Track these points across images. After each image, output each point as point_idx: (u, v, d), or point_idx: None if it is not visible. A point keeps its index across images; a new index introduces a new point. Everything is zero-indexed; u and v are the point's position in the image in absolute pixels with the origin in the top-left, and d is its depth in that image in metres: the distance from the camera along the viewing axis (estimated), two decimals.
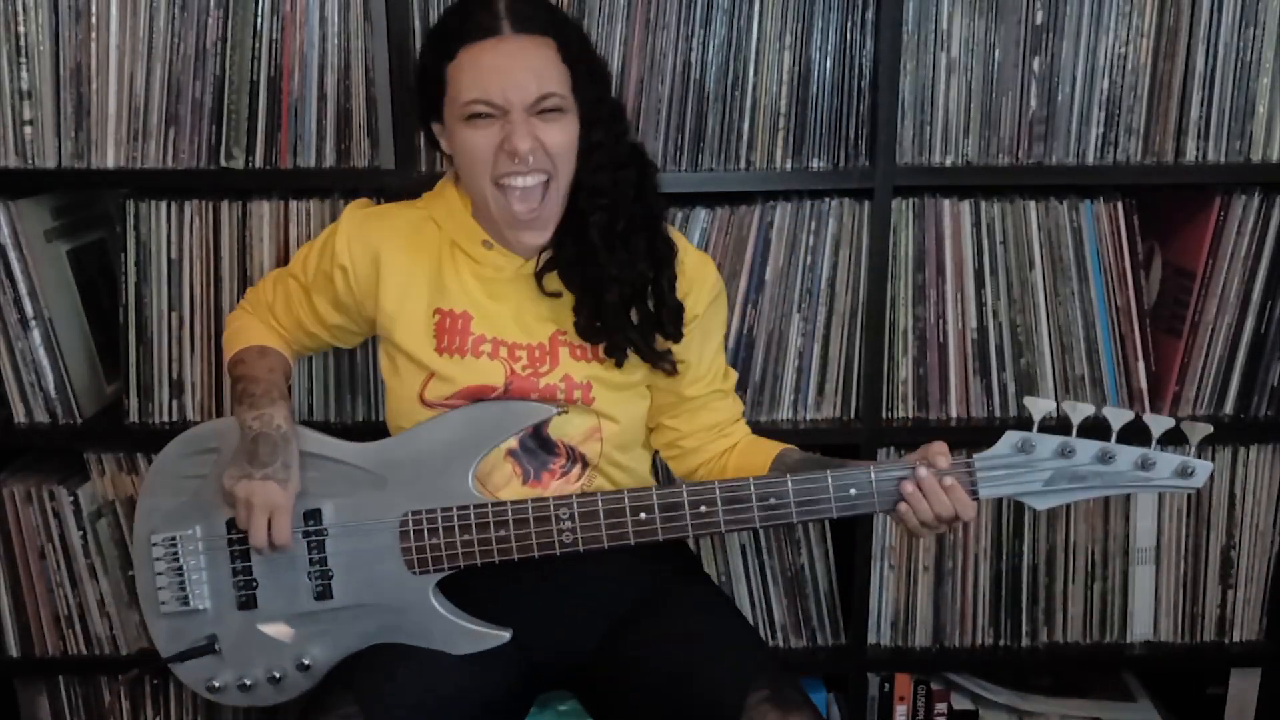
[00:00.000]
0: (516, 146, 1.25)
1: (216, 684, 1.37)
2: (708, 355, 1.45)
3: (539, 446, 1.38)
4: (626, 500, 1.28)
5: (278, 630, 1.36)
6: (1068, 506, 1.77)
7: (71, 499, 1.74)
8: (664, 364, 1.39)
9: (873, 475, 1.26)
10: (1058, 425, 1.25)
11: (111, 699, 1.88)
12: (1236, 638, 1.83)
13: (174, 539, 1.37)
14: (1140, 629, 1.83)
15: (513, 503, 1.30)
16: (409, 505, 1.31)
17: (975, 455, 1.26)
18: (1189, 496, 1.78)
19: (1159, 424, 1.23)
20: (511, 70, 1.25)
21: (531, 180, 1.28)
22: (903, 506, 1.26)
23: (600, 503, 1.29)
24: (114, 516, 1.77)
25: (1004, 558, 1.79)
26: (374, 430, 1.71)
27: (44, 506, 1.75)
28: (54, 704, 1.89)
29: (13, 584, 1.78)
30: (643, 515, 1.28)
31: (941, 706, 1.88)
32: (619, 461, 1.42)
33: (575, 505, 1.29)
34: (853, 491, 1.27)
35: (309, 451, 1.34)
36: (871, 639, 1.82)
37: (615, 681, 1.39)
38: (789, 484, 1.27)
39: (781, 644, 1.82)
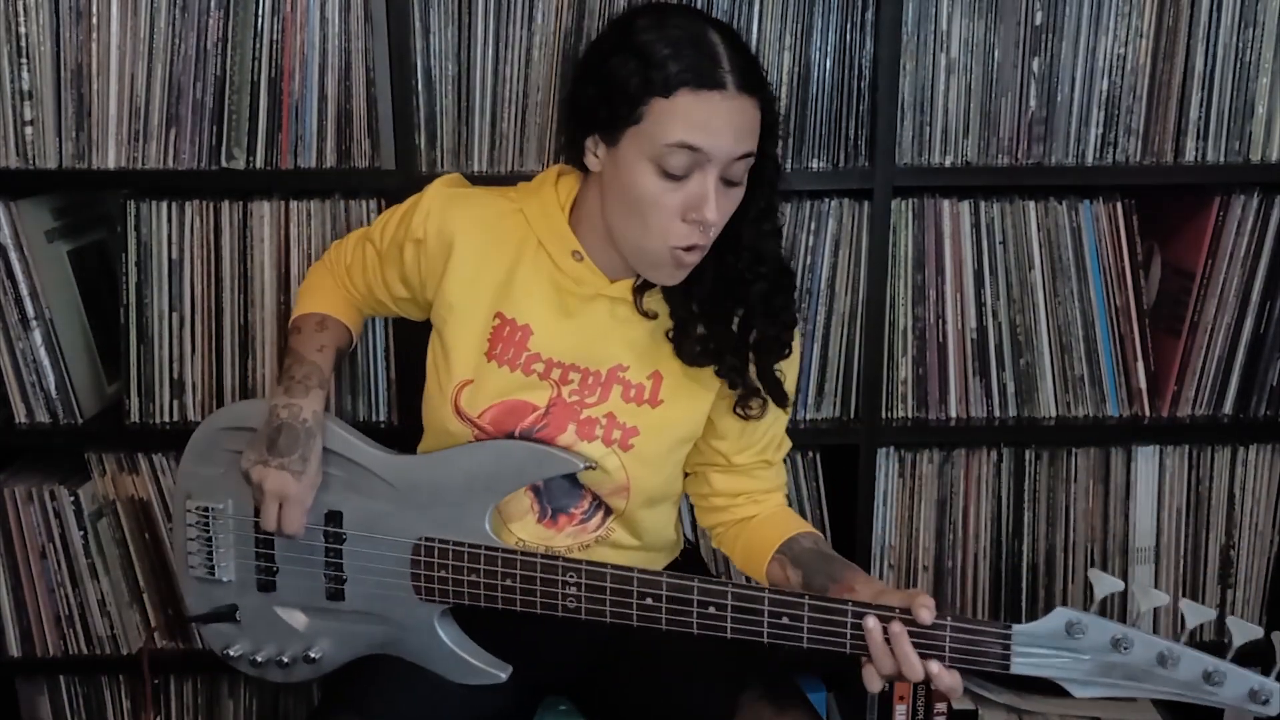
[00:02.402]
0: (706, 217, 1.18)
1: (232, 652, 1.39)
2: (775, 424, 1.40)
3: (564, 489, 1.34)
4: (635, 582, 1.23)
5: (292, 617, 1.37)
6: (1066, 503, 1.77)
7: (72, 499, 1.74)
8: (757, 400, 1.32)
9: (898, 615, 1.14)
10: (1118, 608, 1.14)
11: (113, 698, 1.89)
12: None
13: (206, 510, 1.37)
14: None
15: (523, 552, 1.27)
16: (424, 530, 1.29)
17: (1016, 627, 1.12)
18: (1188, 495, 1.78)
19: (1243, 631, 1.09)
20: (727, 130, 1.17)
21: (696, 239, 1.22)
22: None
23: (609, 576, 1.24)
24: (115, 516, 1.77)
25: (1004, 558, 1.79)
26: (374, 430, 1.71)
27: (45, 506, 1.75)
28: (55, 704, 1.89)
29: (13, 584, 1.78)
30: (649, 600, 1.22)
31: (941, 706, 1.88)
32: (641, 519, 1.37)
33: (584, 573, 1.24)
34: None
35: (335, 450, 1.33)
36: None
37: (612, 689, 1.39)
38: (805, 606, 1.17)
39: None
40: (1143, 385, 1.73)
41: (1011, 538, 1.79)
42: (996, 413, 1.74)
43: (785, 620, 1.18)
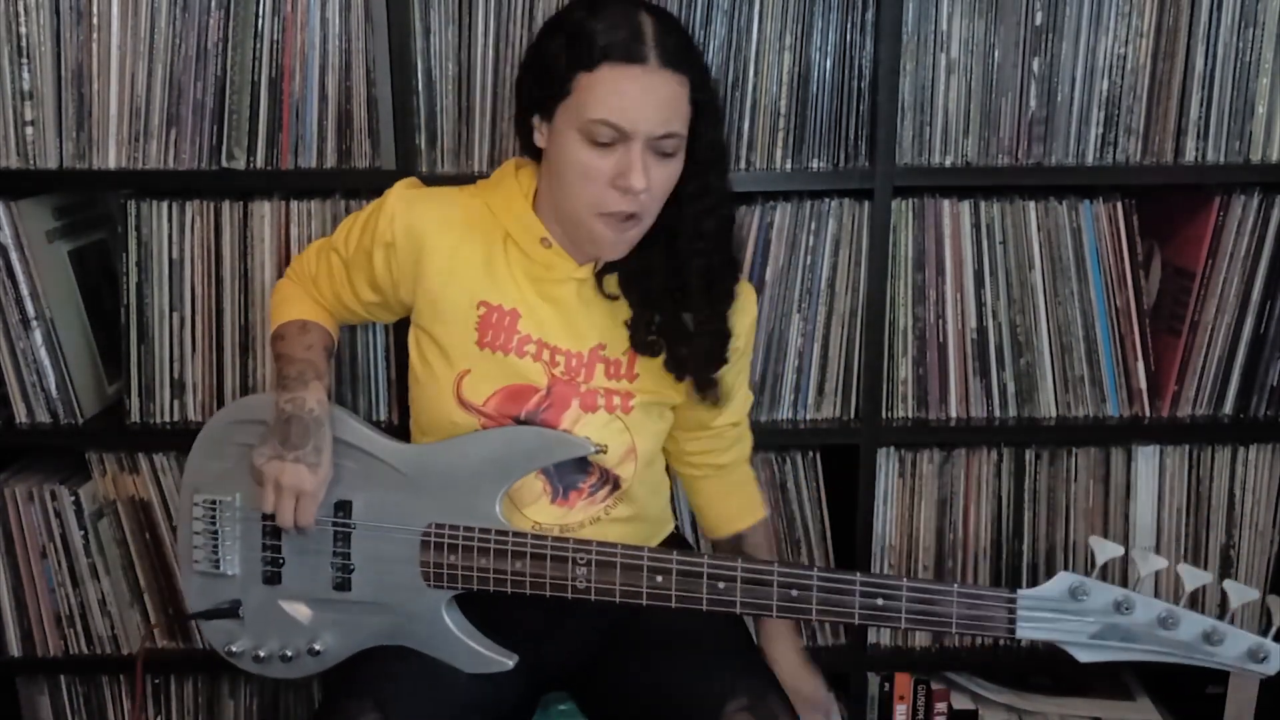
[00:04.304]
0: (632, 184, 1.22)
1: (234, 648, 1.39)
2: (740, 387, 1.45)
3: (572, 465, 1.36)
4: (645, 560, 1.26)
5: (296, 610, 1.37)
6: (1066, 503, 1.77)
7: (73, 499, 1.74)
8: (712, 394, 1.38)
9: (905, 591, 1.20)
10: (1120, 573, 1.16)
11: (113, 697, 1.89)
12: None
13: (214, 502, 1.37)
14: None
15: (533, 536, 1.29)
16: (434, 516, 1.31)
17: (1021, 591, 1.17)
18: (1188, 494, 1.78)
19: (1240, 594, 1.13)
20: (648, 103, 1.22)
21: (628, 207, 1.25)
22: None
23: (619, 555, 1.27)
24: (115, 516, 1.77)
25: (1004, 558, 1.79)
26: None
27: (45, 506, 1.75)
28: (55, 703, 1.89)
29: (14, 583, 1.79)
30: (659, 579, 1.26)
31: (941, 706, 1.88)
32: (645, 479, 1.41)
33: (594, 553, 1.27)
34: (879, 602, 1.21)
35: (345, 440, 1.34)
36: (871, 638, 1.82)
37: (609, 688, 1.40)
38: (814, 579, 1.22)
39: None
40: (1143, 385, 1.73)
41: (1012, 538, 1.79)
42: (997, 413, 1.74)
43: (794, 594, 1.22)
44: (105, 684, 1.88)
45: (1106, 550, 1.15)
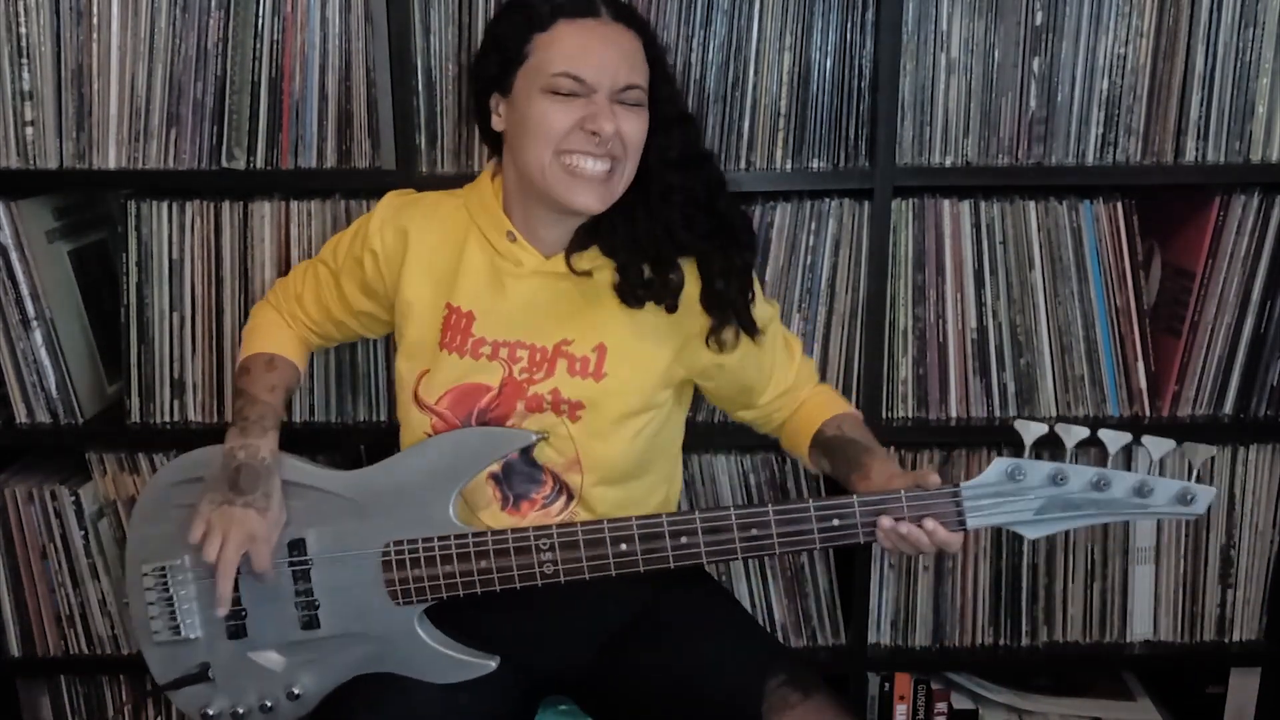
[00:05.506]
0: (601, 127, 1.24)
1: (211, 711, 1.36)
2: (763, 357, 1.42)
3: (525, 472, 1.35)
4: (606, 531, 1.27)
5: (268, 659, 1.35)
6: None
7: (73, 499, 1.74)
8: (728, 330, 1.34)
9: (856, 506, 1.23)
10: (1051, 448, 1.21)
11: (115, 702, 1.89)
12: (1236, 637, 1.83)
13: (164, 569, 1.36)
14: (1140, 628, 1.83)
15: (493, 533, 1.29)
16: (390, 535, 1.31)
17: (963, 484, 1.22)
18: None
19: (1159, 446, 1.20)
20: (607, 53, 1.26)
21: (600, 166, 1.27)
22: (879, 538, 1.24)
23: (580, 533, 1.27)
24: (115, 516, 1.78)
25: (1004, 557, 1.79)
26: (375, 430, 1.72)
27: (45, 506, 1.75)
28: (55, 703, 1.90)
29: (14, 584, 1.79)
30: (623, 546, 1.26)
31: (941, 706, 1.89)
32: (600, 499, 1.36)
33: (556, 536, 1.27)
34: (835, 523, 1.24)
35: (291, 480, 1.34)
36: (871, 638, 1.82)
37: (621, 688, 1.39)
38: (770, 514, 1.24)
39: (781, 643, 1.82)
40: (1143, 385, 1.73)
41: (1012, 538, 1.79)
42: (997, 413, 1.74)
43: (754, 531, 1.25)
44: (105, 684, 1.89)
45: (1032, 430, 1.21)
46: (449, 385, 1.34)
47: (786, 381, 1.46)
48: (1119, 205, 1.68)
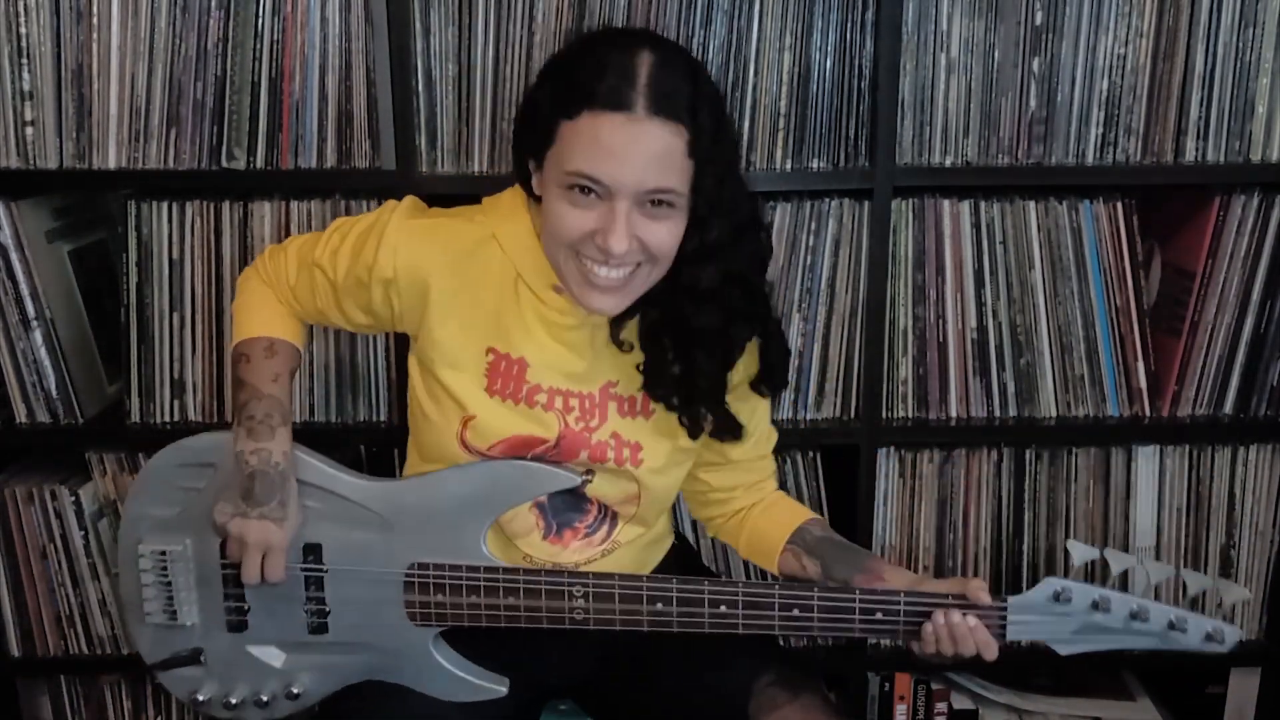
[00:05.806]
0: (611, 248, 1.13)
1: (201, 696, 1.33)
2: (762, 418, 1.41)
3: (568, 503, 1.32)
4: (645, 589, 1.24)
5: (267, 655, 1.32)
6: (1066, 504, 1.77)
7: (73, 499, 1.74)
8: (731, 433, 1.33)
9: (902, 604, 1.23)
10: (1095, 571, 1.24)
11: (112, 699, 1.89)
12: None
13: (164, 553, 1.31)
14: None
15: (525, 571, 1.26)
16: (415, 556, 1.27)
17: (1010, 598, 1.23)
18: (1188, 494, 1.78)
19: (1196, 582, 1.23)
20: (632, 154, 1.11)
21: (617, 274, 1.17)
22: (925, 633, 1.22)
23: (617, 586, 1.25)
24: (115, 516, 1.77)
25: (1004, 558, 1.79)
26: (375, 430, 1.72)
27: (45, 506, 1.75)
28: (55, 703, 1.89)
29: (14, 584, 1.79)
30: (659, 605, 1.24)
31: (941, 706, 1.88)
32: (646, 519, 1.37)
33: (591, 585, 1.25)
34: (879, 615, 1.23)
35: (309, 481, 1.29)
36: (872, 638, 1.82)
37: (623, 693, 1.39)
38: (815, 599, 1.23)
39: (782, 643, 1.82)
40: (1143, 385, 1.73)
41: (1012, 538, 1.79)
42: (997, 413, 1.74)
43: (795, 612, 1.24)
44: (105, 684, 1.88)
45: (1081, 553, 1.25)
46: (504, 435, 1.28)
47: (763, 470, 1.45)
48: (1119, 205, 1.68)
